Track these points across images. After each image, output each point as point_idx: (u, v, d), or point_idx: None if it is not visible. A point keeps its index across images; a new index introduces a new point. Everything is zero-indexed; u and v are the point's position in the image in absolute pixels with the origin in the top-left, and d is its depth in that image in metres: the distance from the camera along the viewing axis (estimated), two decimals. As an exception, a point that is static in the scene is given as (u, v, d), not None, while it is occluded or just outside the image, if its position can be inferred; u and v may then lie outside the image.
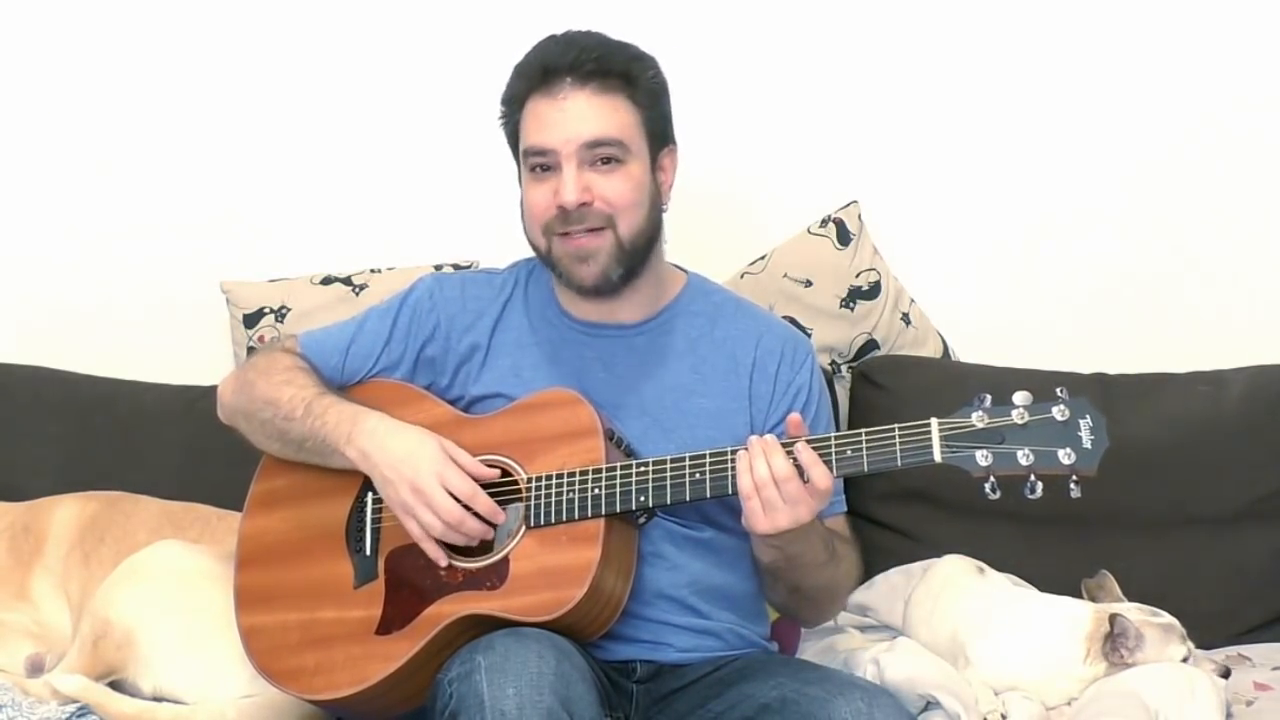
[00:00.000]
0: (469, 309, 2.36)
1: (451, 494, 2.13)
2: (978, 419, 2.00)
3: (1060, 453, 1.97)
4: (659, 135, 2.27)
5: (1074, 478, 1.98)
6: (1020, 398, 2.00)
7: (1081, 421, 1.99)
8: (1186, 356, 2.95)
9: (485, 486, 2.17)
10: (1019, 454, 1.98)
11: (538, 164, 2.22)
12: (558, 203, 2.20)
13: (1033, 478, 1.98)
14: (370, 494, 2.24)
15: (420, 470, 2.13)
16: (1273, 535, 2.77)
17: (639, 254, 2.26)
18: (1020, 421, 1.99)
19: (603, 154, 2.21)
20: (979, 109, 3.13)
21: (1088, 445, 1.98)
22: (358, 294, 2.95)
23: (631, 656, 2.21)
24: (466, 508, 2.14)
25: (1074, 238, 3.14)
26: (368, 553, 2.22)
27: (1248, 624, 2.72)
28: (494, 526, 2.17)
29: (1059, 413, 1.99)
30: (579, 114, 2.19)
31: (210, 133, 3.18)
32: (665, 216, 2.31)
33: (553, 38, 2.26)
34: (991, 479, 1.99)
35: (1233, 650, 2.61)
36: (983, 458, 1.99)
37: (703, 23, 3.10)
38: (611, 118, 2.21)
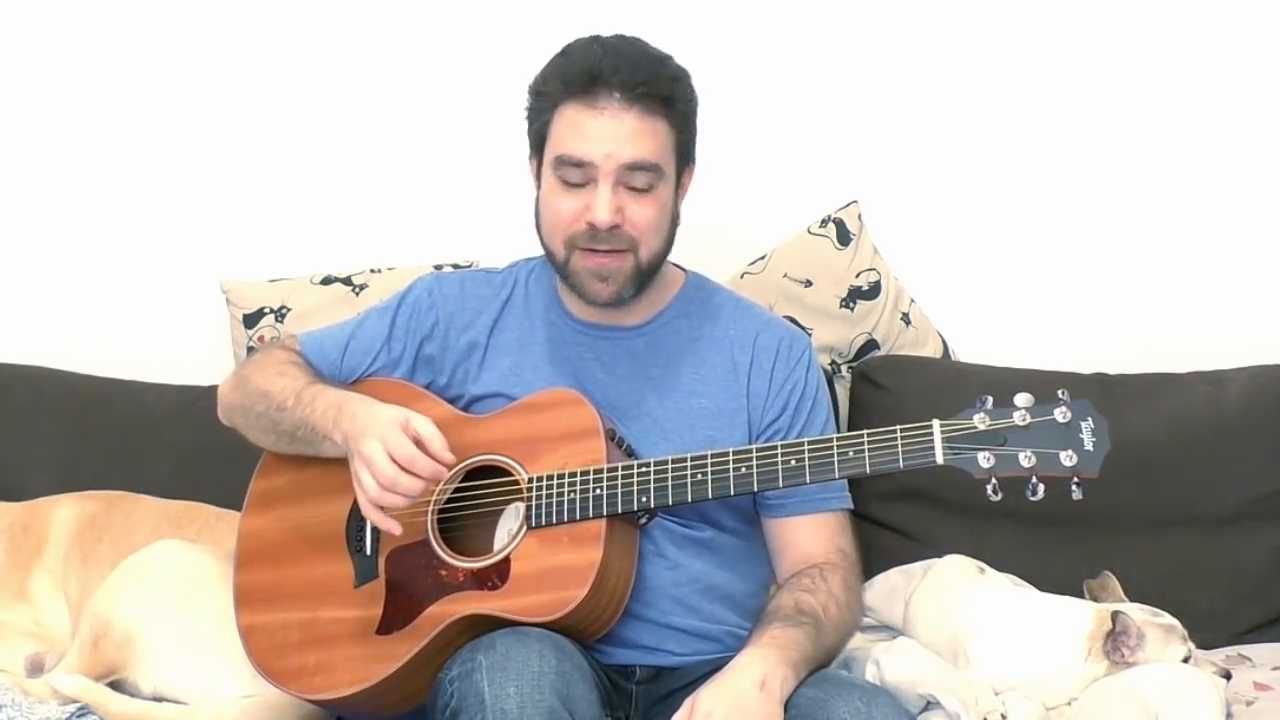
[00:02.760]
0: (468, 307, 2.37)
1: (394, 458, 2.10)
2: (979, 420, 2.00)
3: (1062, 455, 1.98)
4: (685, 156, 2.27)
5: (1076, 479, 1.98)
6: (1022, 399, 2.01)
7: (1083, 424, 1.99)
8: (1186, 356, 2.95)
9: (486, 486, 2.18)
10: (1021, 456, 1.98)
11: (570, 175, 2.20)
12: (588, 219, 2.19)
13: (1034, 479, 1.99)
14: (369, 494, 2.24)
15: (368, 436, 2.11)
16: (1273, 535, 2.77)
17: (653, 273, 2.27)
18: (1022, 423, 2.00)
19: (639, 178, 2.19)
20: (979, 109, 3.13)
21: (1089, 447, 1.98)
22: (358, 294, 2.95)
23: (632, 661, 2.21)
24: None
25: (1074, 238, 3.14)
26: (368, 552, 2.22)
27: (1248, 624, 2.72)
28: (492, 530, 2.16)
29: (1061, 415, 1.99)
30: (623, 134, 2.17)
31: (210, 132, 3.18)
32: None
33: (598, 42, 2.23)
34: (993, 480, 1.99)
35: (1233, 650, 2.61)
36: (985, 459, 1.99)
37: (703, 23, 3.10)
38: (652, 141, 2.19)
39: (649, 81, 2.18)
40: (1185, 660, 2.33)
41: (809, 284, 2.93)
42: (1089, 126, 3.12)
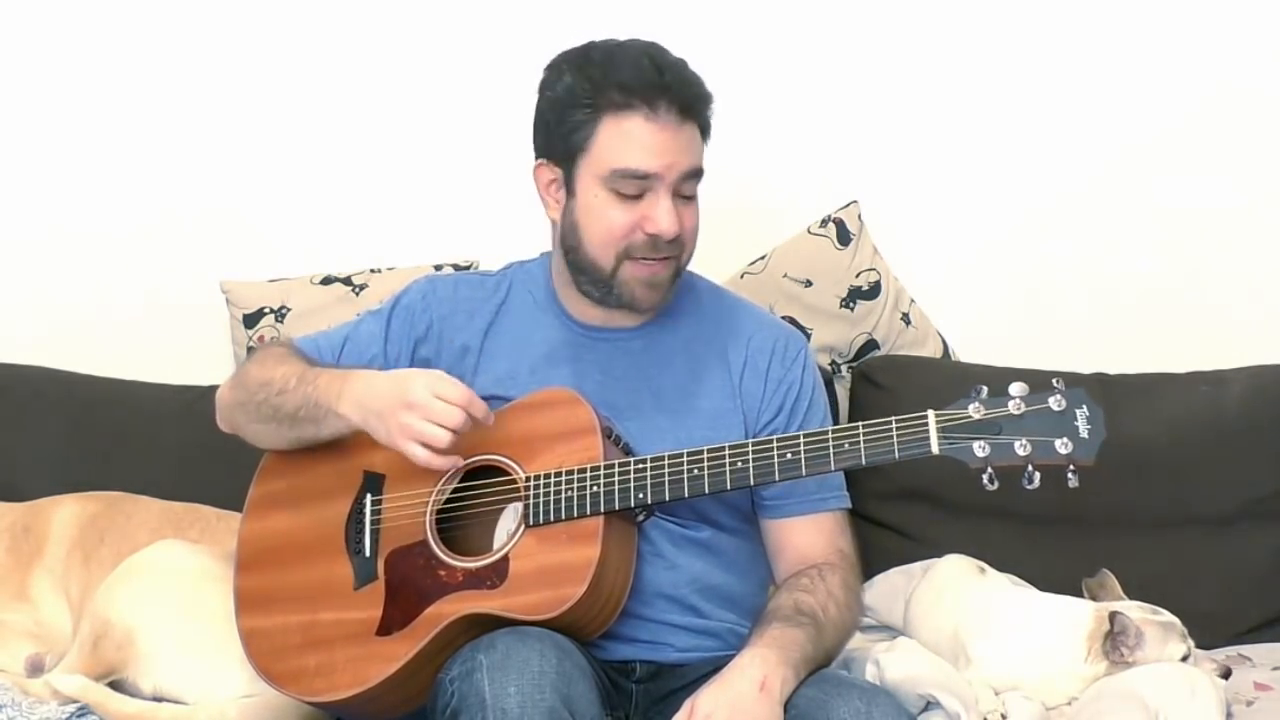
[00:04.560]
0: (461, 309, 2.37)
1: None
2: (974, 410, 2.00)
3: (1057, 443, 1.97)
4: None
5: (1071, 468, 1.98)
6: (1016, 389, 2.00)
7: (1078, 411, 1.99)
8: (1186, 356, 2.95)
9: (484, 486, 2.18)
10: (1016, 444, 1.97)
11: (629, 188, 2.20)
12: (650, 230, 2.19)
13: (1030, 468, 1.98)
14: (369, 495, 2.24)
15: (413, 387, 2.10)
16: (1273, 535, 2.77)
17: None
18: (1017, 412, 1.99)
19: (689, 186, 2.22)
20: (979, 109, 3.14)
21: (1084, 435, 1.98)
22: (358, 294, 2.96)
23: (631, 656, 2.21)
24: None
25: (1074, 238, 3.14)
26: (367, 554, 2.22)
27: (1248, 624, 2.72)
28: (490, 531, 2.16)
29: (1055, 403, 1.99)
30: (681, 145, 2.19)
31: (210, 133, 3.18)
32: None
33: (643, 53, 2.21)
34: (989, 470, 1.99)
35: (1233, 650, 2.61)
36: (980, 449, 1.98)
37: (702, 23, 3.10)
38: (699, 149, 2.23)
39: (699, 93, 2.22)
40: (1184, 658, 2.33)
41: (809, 284, 2.93)
42: (1088, 126, 3.13)
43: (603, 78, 2.19)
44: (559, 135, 2.23)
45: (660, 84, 2.17)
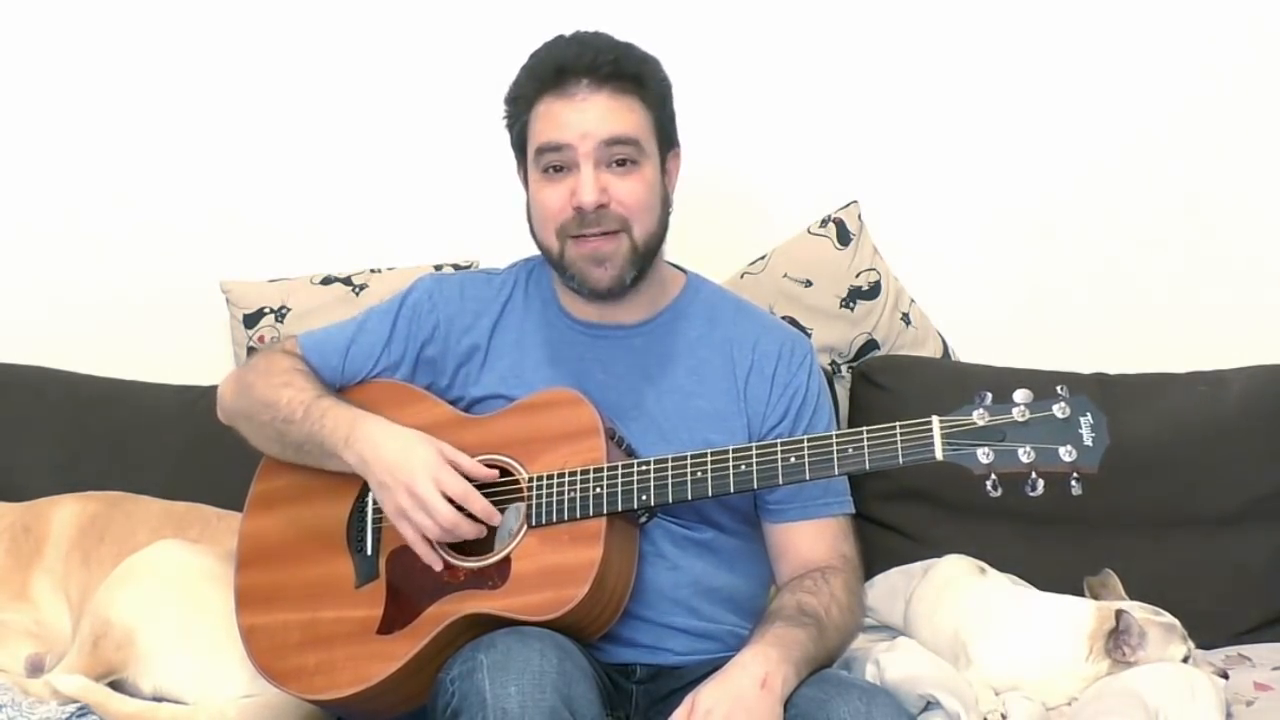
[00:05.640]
0: (468, 309, 2.36)
1: (447, 496, 2.13)
2: (979, 416, 2.00)
3: (1061, 450, 1.98)
4: (666, 137, 2.28)
5: (1075, 475, 1.98)
6: (1021, 395, 2.01)
7: (1082, 419, 1.99)
8: (1186, 356, 2.95)
9: (486, 486, 2.17)
10: (1020, 451, 1.98)
11: (552, 163, 2.21)
12: (574, 204, 2.20)
13: (1034, 475, 1.98)
14: (370, 494, 2.23)
15: (416, 474, 2.12)
16: (1273, 535, 2.77)
17: (650, 256, 2.27)
18: (1021, 419, 2.00)
19: (619, 154, 2.20)
20: (979, 109, 3.14)
21: (1089, 443, 1.98)
22: (358, 294, 2.95)
23: (632, 660, 2.21)
24: (462, 510, 2.13)
25: (1074, 238, 3.14)
26: (369, 552, 2.22)
27: (1248, 624, 2.72)
28: (492, 529, 2.16)
29: (1060, 410, 2.00)
30: (597, 114, 2.19)
31: (210, 133, 3.18)
32: (665, 216, 2.31)
33: (562, 38, 2.25)
34: (993, 476, 1.99)
35: (1233, 650, 2.61)
36: (984, 455, 1.99)
37: (702, 23, 3.10)
38: (628, 118, 2.21)
39: (615, 61, 2.21)
40: (1185, 660, 2.33)
41: (809, 284, 2.93)
42: (1088, 127, 3.13)
43: (526, 71, 2.25)
44: (514, 134, 2.28)
45: (565, 61, 2.20)
